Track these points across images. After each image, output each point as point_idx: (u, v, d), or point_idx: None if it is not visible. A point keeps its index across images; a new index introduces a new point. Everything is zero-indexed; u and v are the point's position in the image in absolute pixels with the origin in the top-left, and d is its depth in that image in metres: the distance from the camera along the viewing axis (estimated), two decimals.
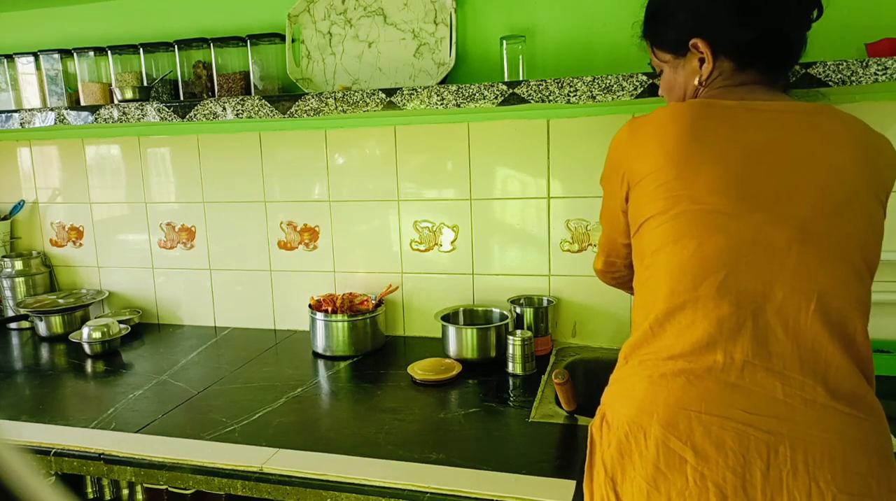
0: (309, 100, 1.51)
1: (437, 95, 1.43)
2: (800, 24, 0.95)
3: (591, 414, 1.31)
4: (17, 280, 2.07)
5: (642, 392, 0.83)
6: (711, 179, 0.83)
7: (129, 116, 1.66)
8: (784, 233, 0.81)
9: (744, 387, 0.78)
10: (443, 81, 1.63)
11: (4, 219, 2.14)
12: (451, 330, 1.64)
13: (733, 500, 0.75)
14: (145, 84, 1.80)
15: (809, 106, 0.90)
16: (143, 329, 2.03)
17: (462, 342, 1.62)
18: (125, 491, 1.34)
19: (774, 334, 0.79)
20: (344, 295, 1.81)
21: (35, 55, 1.88)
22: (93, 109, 1.68)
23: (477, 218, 1.77)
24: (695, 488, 0.76)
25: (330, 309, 1.73)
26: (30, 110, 1.75)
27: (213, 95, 1.76)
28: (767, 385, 0.78)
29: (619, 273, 1.15)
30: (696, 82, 0.99)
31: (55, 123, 1.72)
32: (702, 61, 0.97)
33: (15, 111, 1.76)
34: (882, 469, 0.77)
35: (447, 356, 1.64)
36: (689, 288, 0.82)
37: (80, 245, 2.14)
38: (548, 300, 1.73)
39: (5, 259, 2.08)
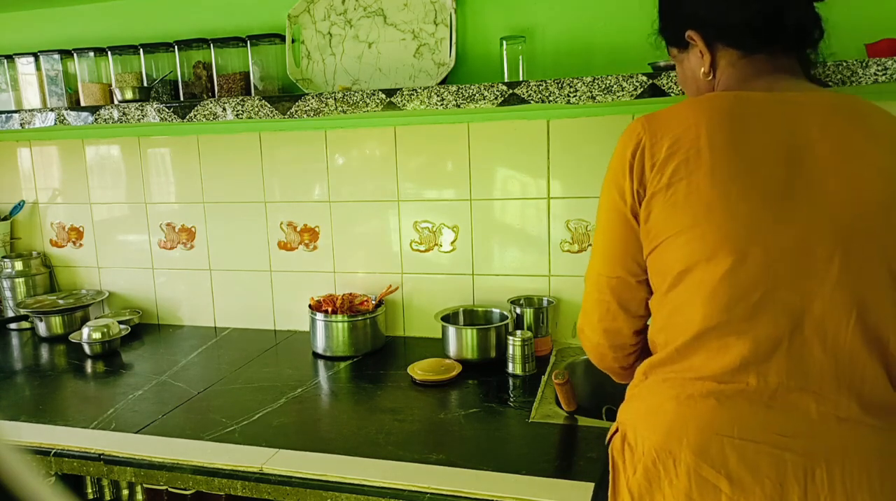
0: (309, 100, 1.51)
1: (437, 96, 1.43)
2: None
3: (592, 415, 1.32)
4: (17, 280, 2.07)
5: (670, 414, 0.78)
6: (747, 187, 0.76)
7: (129, 117, 1.66)
8: (826, 243, 0.75)
9: (778, 409, 0.74)
10: (443, 82, 1.63)
11: (4, 219, 2.14)
12: (451, 330, 1.64)
13: None
14: (145, 84, 1.80)
15: (841, 99, 0.83)
16: (143, 329, 2.03)
17: (462, 342, 1.62)
18: (125, 492, 1.34)
19: (811, 352, 0.74)
20: (344, 295, 1.81)
21: (35, 55, 1.88)
22: (93, 110, 1.68)
23: (477, 218, 1.77)
24: None
25: (330, 309, 1.73)
26: (30, 111, 1.75)
27: (213, 96, 1.76)
28: (801, 404, 0.74)
29: (625, 350, 0.95)
30: (702, 75, 0.93)
31: (55, 124, 1.72)
32: (702, 53, 0.92)
33: (15, 111, 1.76)
34: None
35: (447, 356, 1.64)
36: (723, 310, 0.76)
37: (80, 245, 2.14)
38: (548, 300, 1.73)
39: (5, 259, 2.08)
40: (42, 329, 1.95)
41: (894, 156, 0.79)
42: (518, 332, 1.57)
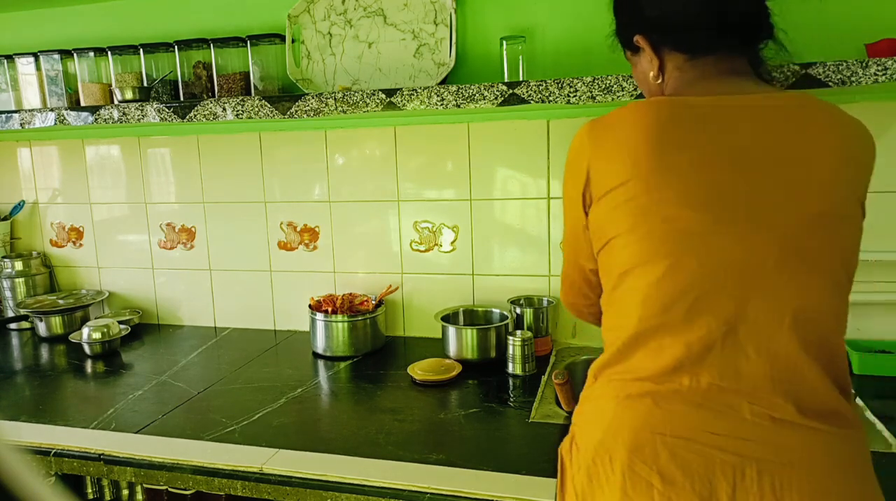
0: (309, 100, 1.51)
1: (437, 96, 1.43)
2: None
3: None
4: (17, 280, 2.07)
5: (609, 413, 0.81)
6: (683, 193, 0.77)
7: (129, 117, 1.66)
8: (761, 249, 0.76)
9: (710, 408, 0.76)
10: (443, 82, 1.63)
11: (4, 219, 2.14)
12: (451, 330, 1.64)
13: None
14: (145, 84, 1.80)
15: (790, 98, 0.82)
16: (143, 329, 2.03)
17: (462, 342, 1.62)
18: (125, 492, 1.34)
19: (745, 354, 0.76)
20: (344, 295, 1.81)
21: (35, 55, 1.88)
22: (93, 110, 1.68)
23: (477, 218, 1.77)
24: None
25: (330, 309, 1.73)
26: (30, 111, 1.75)
27: (213, 96, 1.76)
28: (734, 405, 0.75)
29: (598, 307, 0.99)
30: (651, 78, 0.93)
31: (55, 124, 1.72)
32: (651, 57, 0.92)
33: (15, 111, 1.76)
34: (853, 486, 0.75)
35: (447, 356, 1.64)
36: (658, 312, 0.78)
37: (80, 245, 2.14)
38: (548, 300, 1.73)
39: (5, 259, 2.08)
40: (42, 329, 1.95)
41: (836, 158, 0.78)
42: (518, 332, 1.57)
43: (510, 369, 1.56)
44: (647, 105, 0.83)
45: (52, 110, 1.72)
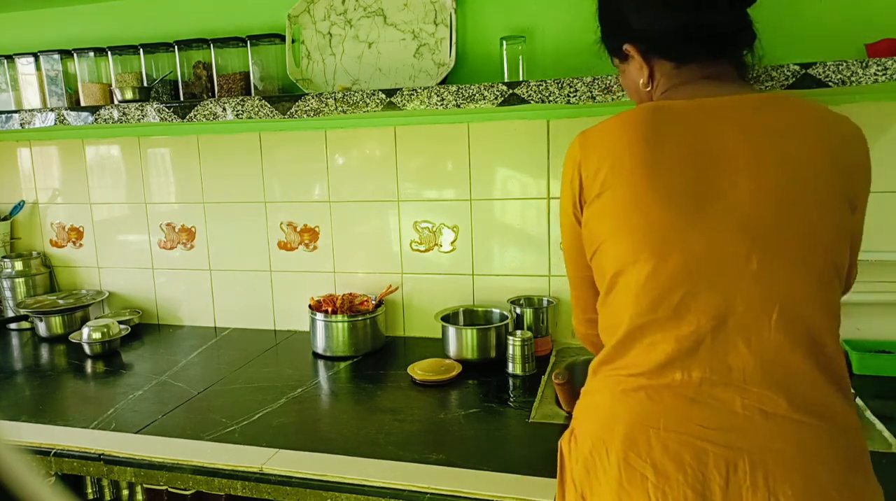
0: (309, 100, 1.51)
1: (437, 96, 1.43)
2: (722, 6, 0.89)
3: None
4: (17, 280, 2.07)
5: (606, 407, 0.83)
6: (664, 193, 0.80)
7: (129, 117, 1.66)
8: (743, 242, 0.77)
9: (702, 402, 0.77)
10: (443, 82, 1.63)
11: (4, 219, 2.14)
12: (451, 330, 1.64)
13: None
14: (145, 84, 1.80)
15: (764, 98, 0.85)
16: (143, 329, 2.03)
17: (462, 342, 1.62)
18: (125, 492, 1.34)
19: (735, 347, 0.77)
20: (344, 295, 1.81)
21: (35, 55, 1.88)
22: (93, 110, 1.68)
23: (477, 218, 1.77)
24: None
25: (330, 309, 1.73)
26: (30, 111, 1.75)
27: (213, 96, 1.76)
28: (726, 399, 0.76)
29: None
30: (641, 86, 0.96)
31: (55, 124, 1.72)
32: (640, 65, 0.95)
33: (15, 111, 1.76)
34: (846, 477, 0.75)
35: (447, 356, 1.64)
36: (648, 310, 0.80)
37: (81, 245, 2.14)
38: (548, 300, 1.73)
39: (5, 259, 2.08)
40: (42, 329, 1.95)
41: (806, 153, 0.79)
42: (518, 332, 1.57)
43: (510, 369, 1.56)
44: (632, 113, 0.87)
45: (52, 110, 1.72)
